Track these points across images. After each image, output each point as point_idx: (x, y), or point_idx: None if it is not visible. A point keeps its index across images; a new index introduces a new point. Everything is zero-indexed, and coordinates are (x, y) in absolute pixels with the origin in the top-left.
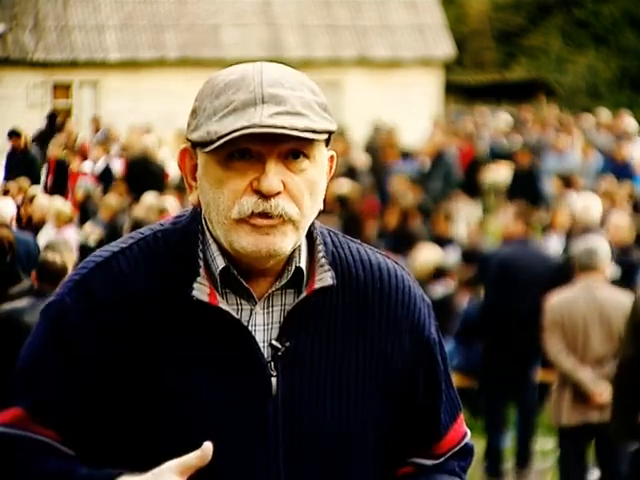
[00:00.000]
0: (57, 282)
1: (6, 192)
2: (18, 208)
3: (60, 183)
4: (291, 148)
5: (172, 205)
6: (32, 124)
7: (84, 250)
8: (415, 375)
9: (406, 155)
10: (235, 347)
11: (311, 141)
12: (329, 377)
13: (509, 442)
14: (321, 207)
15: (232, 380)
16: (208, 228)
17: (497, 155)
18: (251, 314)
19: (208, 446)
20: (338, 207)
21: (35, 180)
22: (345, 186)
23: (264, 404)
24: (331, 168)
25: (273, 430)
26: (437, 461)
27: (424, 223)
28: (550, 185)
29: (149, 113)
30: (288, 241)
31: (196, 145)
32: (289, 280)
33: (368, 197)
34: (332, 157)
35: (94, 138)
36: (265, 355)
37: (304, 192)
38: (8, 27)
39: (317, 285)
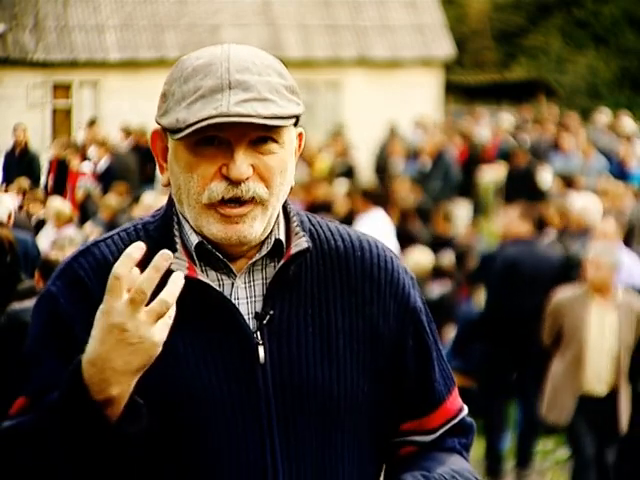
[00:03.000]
0: None
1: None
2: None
3: (60, 183)
4: (259, 135)
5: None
6: (32, 124)
7: None
8: (403, 342)
9: (412, 154)
10: (219, 319)
11: (279, 126)
12: (316, 342)
13: (509, 442)
14: (292, 183)
15: (218, 351)
16: (180, 209)
17: (498, 155)
18: (232, 288)
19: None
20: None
21: (35, 180)
22: (343, 186)
23: (253, 372)
24: (300, 145)
25: (264, 397)
26: (435, 435)
27: (424, 223)
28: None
29: (149, 113)
30: (257, 225)
31: (165, 130)
32: (269, 254)
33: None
34: (300, 134)
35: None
36: (251, 326)
37: (274, 173)
38: (8, 27)
39: (293, 251)
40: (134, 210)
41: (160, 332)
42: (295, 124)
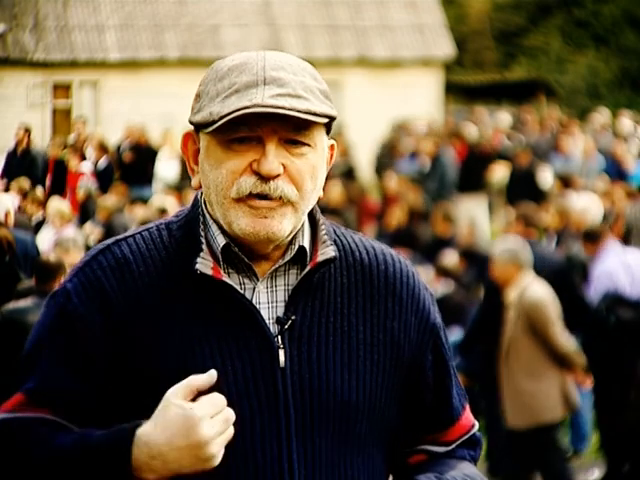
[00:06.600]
0: (55, 279)
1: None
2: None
3: (60, 183)
4: (291, 137)
5: (172, 205)
6: (32, 124)
7: (85, 250)
8: (423, 357)
9: (412, 154)
10: (240, 322)
11: (311, 125)
12: (337, 350)
13: None
14: (321, 193)
15: (239, 354)
16: (208, 211)
17: (499, 155)
18: (254, 292)
19: (213, 373)
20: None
21: (35, 180)
22: (336, 187)
23: (273, 376)
24: (331, 157)
25: (283, 400)
26: (448, 448)
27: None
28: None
29: (149, 113)
30: (287, 224)
31: (199, 127)
32: (292, 260)
33: (366, 198)
34: (332, 146)
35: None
36: (272, 330)
37: (304, 175)
38: (8, 27)
39: (320, 259)
40: (135, 210)
41: (220, 450)
42: (327, 132)
